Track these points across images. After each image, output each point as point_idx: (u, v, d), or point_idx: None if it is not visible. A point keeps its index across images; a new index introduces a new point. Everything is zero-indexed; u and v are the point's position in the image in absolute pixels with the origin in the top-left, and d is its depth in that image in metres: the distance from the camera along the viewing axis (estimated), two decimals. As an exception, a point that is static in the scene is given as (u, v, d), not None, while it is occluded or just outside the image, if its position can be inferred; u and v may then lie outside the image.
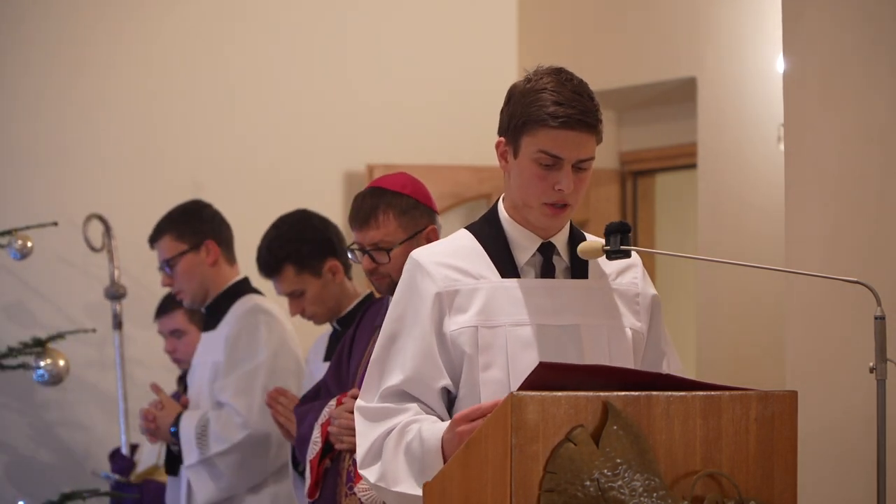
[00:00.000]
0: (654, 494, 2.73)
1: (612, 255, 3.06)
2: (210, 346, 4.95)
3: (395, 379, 3.05)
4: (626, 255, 3.07)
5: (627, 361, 3.12)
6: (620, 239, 3.05)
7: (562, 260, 3.15)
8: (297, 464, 4.69)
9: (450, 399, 3.08)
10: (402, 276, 3.14)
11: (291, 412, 4.52)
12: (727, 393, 2.85)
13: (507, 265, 3.11)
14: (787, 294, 4.38)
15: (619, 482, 2.71)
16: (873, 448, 3.12)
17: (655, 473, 2.74)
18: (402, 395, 3.05)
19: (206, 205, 5.07)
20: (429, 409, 3.05)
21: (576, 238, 3.18)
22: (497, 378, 3.03)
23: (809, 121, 4.30)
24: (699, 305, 6.47)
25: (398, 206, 3.92)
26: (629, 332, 3.15)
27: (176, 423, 4.86)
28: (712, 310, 6.37)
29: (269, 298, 5.07)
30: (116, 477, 5.52)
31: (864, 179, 4.17)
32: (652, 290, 3.23)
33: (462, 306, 3.06)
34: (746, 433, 2.85)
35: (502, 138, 3.11)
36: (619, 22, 6.82)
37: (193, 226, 4.98)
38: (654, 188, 7.30)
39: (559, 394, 2.72)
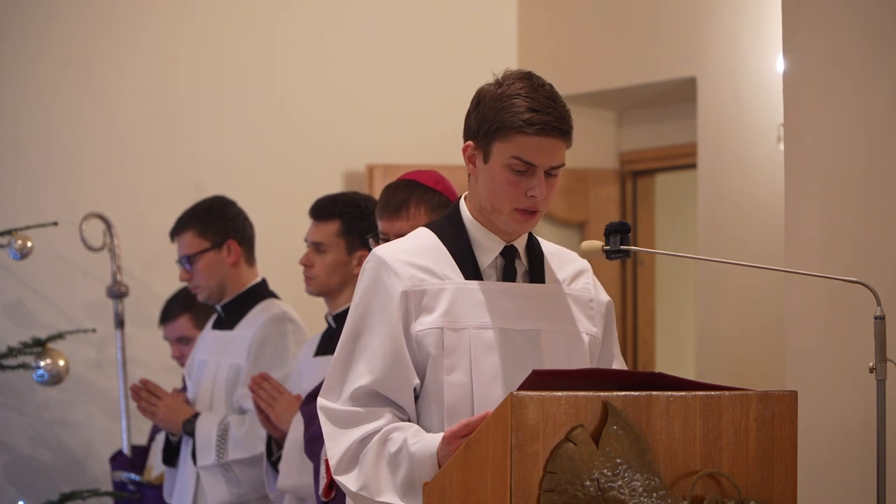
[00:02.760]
0: (654, 494, 2.73)
1: (612, 255, 3.06)
2: (226, 347, 4.92)
3: (364, 379, 3.03)
4: (626, 255, 3.07)
5: (584, 366, 3.12)
6: (620, 239, 3.05)
7: (522, 264, 3.15)
8: (271, 454, 4.69)
9: (414, 397, 3.07)
10: (365, 273, 3.11)
11: (273, 398, 4.52)
12: (727, 393, 2.85)
13: (469, 267, 3.11)
14: (787, 294, 4.38)
15: (619, 482, 2.71)
16: (873, 448, 3.12)
17: (655, 473, 2.74)
18: (374, 396, 3.03)
19: (230, 202, 5.04)
20: (400, 412, 3.04)
21: (533, 242, 3.18)
22: (461, 381, 3.02)
23: (809, 121, 4.30)
24: (699, 305, 6.47)
25: (430, 202, 3.91)
26: (585, 338, 3.15)
27: (192, 419, 4.84)
28: (712, 310, 6.37)
29: (287, 302, 5.05)
30: (138, 478, 5.50)
31: (864, 179, 4.17)
32: (605, 297, 3.24)
33: (429, 306, 3.05)
34: (746, 433, 2.85)
35: (470, 142, 3.10)
36: (619, 22, 6.82)
37: (217, 224, 4.95)
38: (654, 188, 7.30)
39: (559, 394, 2.72)
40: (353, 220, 4.57)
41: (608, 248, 3.06)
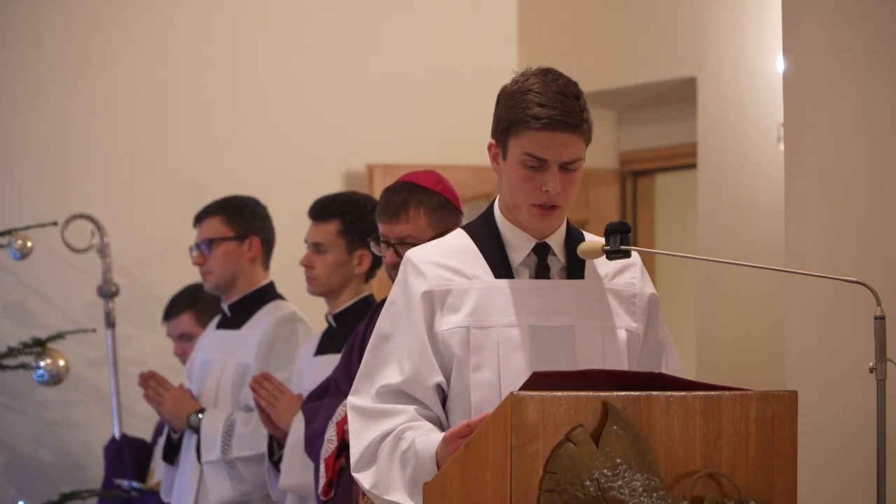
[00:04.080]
0: (654, 494, 2.73)
1: (612, 255, 3.05)
2: (233, 346, 4.91)
3: (392, 378, 3.05)
4: (626, 254, 3.06)
5: (621, 363, 3.11)
6: (620, 239, 3.05)
7: (558, 260, 3.14)
8: (273, 454, 4.69)
9: (443, 396, 3.08)
10: (398, 275, 3.14)
11: (275, 397, 4.52)
12: (727, 393, 2.85)
13: (501, 265, 3.11)
14: (787, 294, 4.37)
15: (619, 482, 2.71)
16: (873, 448, 3.12)
17: (655, 473, 2.74)
18: (400, 395, 3.04)
19: (262, 204, 5.07)
20: (426, 410, 3.05)
21: (573, 238, 3.17)
22: (488, 379, 3.03)
23: (809, 121, 4.30)
24: (699, 305, 6.47)
25: (429, 203, 3.91)
26: (624, 334, 3.14)
27: (197, 413, 4.84)
28: (712, 310, 6.37)
29: (294, 302, 5.06)
30: (137, 485, 5.50)
31: (864, 179, 4.17)
32: (650, 290, 3.22)
33: (454, 306, 3.06)
34: (746, 433, 2.84)
35: (493, 141, 3.12)
36: (619, 22, 6.82)
37: (246, 217, 4.98)
38: (654, 188, 7.30)
39: (559, 394, 2.72)
40: (352, 220, 4.58)
41: (608, 248, 3.06)
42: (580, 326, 3.09)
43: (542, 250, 3.13)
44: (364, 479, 3.03)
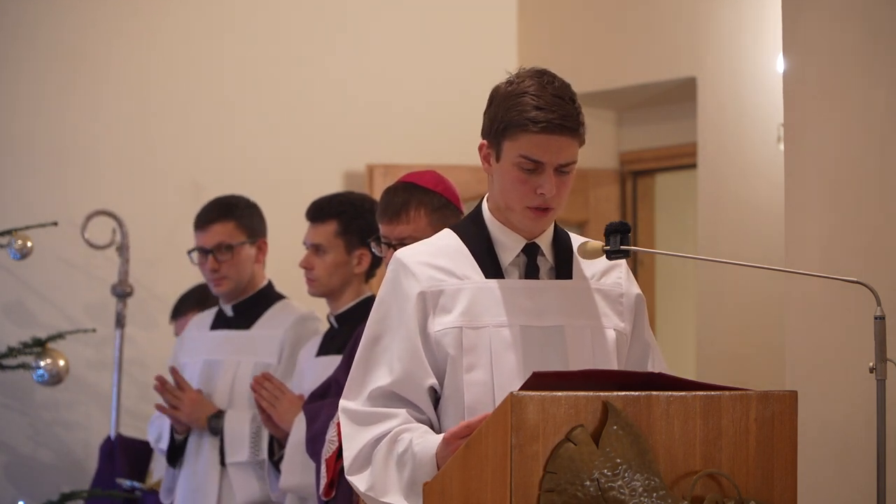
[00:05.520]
0: (654, 494, 2.73)
1: (612, 255, 3.06)
2: (245, 346, 4.88)
3: (383, 380, 3.04)
4: (626, 254, 3.06)
5: (610, 363, 3.12)
6: (620, 239, 3.05)
7: (546, 260, 3.15)
8: (273, 454, 4.69)
9: (435, 398, 3.07)
10: (386, 276, 3.13)
11: (275, 398, 4.52)
12: (727, 393, 2.85)
13: (491, 266, 3.11)
14: (787, 294, 4.38)
15: (619, 482, 2.72)
16: (873, 448, 3.12)
17: (655, 473, 2.74)
18: (391, 397, 3.04)
19: (256, 204, 5.08)
20: (418, 412, 3.04)
21: (560, 238, 3.17)
22: (481, 380, 3.03)
23: (809, 121, 4.30)
24: (699, 305, 6.47)
25: (430, 204, 3.90)
26: (612, 333, 3.14)
27: (217, 415, 4.82)
28: (712, 310, 6.37)
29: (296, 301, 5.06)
30: (139, 485, 5.50)
31: (864, 179, 4.17)
32: (636, 290, 3.22)
33: (446, 306, 3.06)
34: (746, 433, 2.85)
35: (485, 141, 3.11)
36: (619, 22, 6.82)
37: (255, 221, 4.98)
38: (654, 188, 7.30)
39: (559, 394, 2.72)
40: (350, 220, 4.59)
41: (608, 248, 3.06)
42: (570, 326, 3.09)
43: (531, 251, 3.13)
44: (359, 482, 3.02)
